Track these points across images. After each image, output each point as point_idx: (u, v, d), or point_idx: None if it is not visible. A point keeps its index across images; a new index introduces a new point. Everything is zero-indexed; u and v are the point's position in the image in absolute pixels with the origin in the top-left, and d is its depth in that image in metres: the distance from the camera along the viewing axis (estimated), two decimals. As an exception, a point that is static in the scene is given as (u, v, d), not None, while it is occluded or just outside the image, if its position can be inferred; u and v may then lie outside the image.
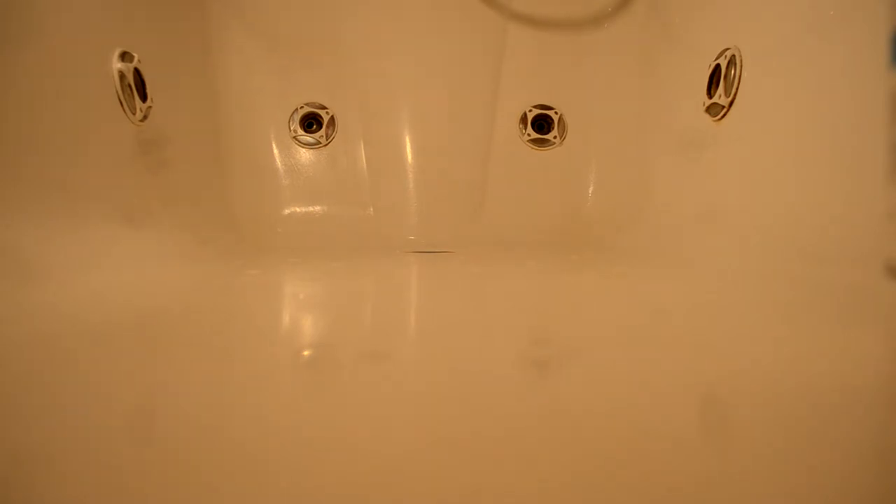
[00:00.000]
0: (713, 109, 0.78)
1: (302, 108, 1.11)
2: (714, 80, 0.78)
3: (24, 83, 0.55)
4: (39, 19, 0.58)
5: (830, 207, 0.56)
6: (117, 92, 0.70)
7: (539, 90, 1.15)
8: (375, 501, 0.16)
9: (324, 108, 1.12)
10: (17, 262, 0.49)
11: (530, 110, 1.15)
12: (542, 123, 1.15)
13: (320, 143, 1.12)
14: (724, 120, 0.76)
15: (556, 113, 1.14)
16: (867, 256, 0.49)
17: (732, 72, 0.74)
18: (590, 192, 1.12)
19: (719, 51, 0.77)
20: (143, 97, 0.74)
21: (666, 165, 0.92)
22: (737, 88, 0.73)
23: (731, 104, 0.74)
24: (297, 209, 1.10)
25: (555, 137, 1.14)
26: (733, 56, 0.74)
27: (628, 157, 1.05)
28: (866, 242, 0.50)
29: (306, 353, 0.34)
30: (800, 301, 0.46)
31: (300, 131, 1.11)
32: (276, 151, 1.11)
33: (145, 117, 0.74)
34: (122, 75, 0.70)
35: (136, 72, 0.73)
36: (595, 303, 0.52)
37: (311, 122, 1.12)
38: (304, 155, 1.12)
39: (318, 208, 1.11)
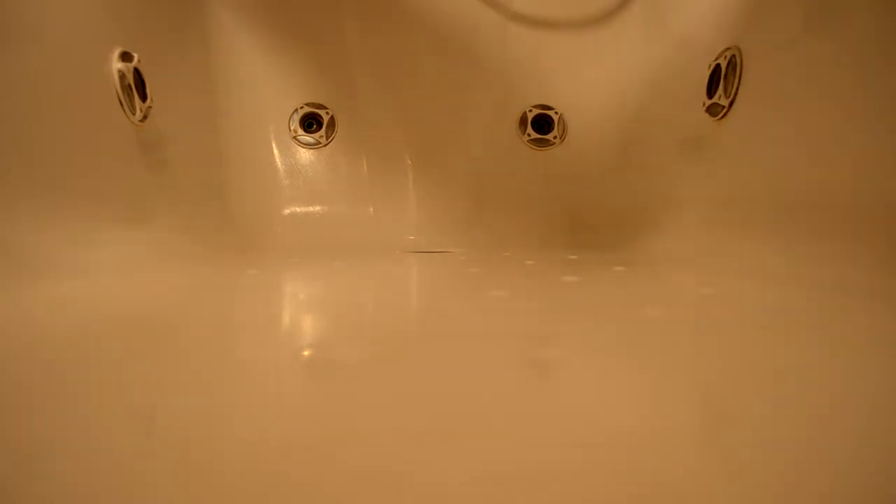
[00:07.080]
0: (713, 109, 0.78)
1: (302, 108, 1.12)
2: (714, 80, 0.78)
3: (23, 83, 0.55)
4: (39, 19, 0.58)
5: (831, 207, 0.56)
6: (117, 92, 0.70)
7: (539, 90, 1.15)
8: (375, 501, 0.16)
9: (324, 108, 1.12)
10: (16, 263, 0.49)
11: (530, 110, 1.15)
12: (542, 123, 1.15)
13: (320, 143, 1.12)
14: (724, 120, 0.76)
15: (556, 113, 1.14)
16: (868, 256, 0.49)
17: (732, 72, 0.74)
18: (590, 192, 1.12)
19: (719, 51, 0.77)
20: (143, 97, 0.74)
21: (666, 165, 0.92)
22: (737, 88, 0.73)
23: (731, 104, 0.74)
24: (297, 209, 1.10)
25: (555, 137, 1.14)
26: (733, 56, 0.74)
27: (628, 157, 1.05)
28: (868, 241, 0.50)
29: (306, 353, 0.34)
30: (801, 301, 0.46)
31: (300, 131, 1.12)
32: (275, 151, 1.11)
33: (145, 117, 0.74)
34: (122, 75, 0.70)
35: (136, 72, 0.73)
36: (595, 303, 0.52)
37: (311, 122, 1.12)
38: (304, 155, 1.12)
39: (317, 208, 1.11)
